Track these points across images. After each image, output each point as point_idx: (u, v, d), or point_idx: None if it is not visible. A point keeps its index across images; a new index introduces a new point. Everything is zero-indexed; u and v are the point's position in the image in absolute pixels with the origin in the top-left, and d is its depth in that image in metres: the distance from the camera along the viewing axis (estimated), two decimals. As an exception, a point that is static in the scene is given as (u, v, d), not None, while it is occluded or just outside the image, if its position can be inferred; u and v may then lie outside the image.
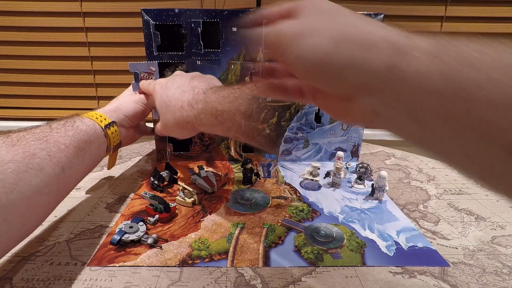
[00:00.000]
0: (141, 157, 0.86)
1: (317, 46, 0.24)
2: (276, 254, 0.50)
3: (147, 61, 0.73)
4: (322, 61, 0.24)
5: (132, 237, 0.50)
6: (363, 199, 0.67)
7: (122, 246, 0.50)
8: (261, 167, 0.75)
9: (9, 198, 0.31)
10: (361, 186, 0.72)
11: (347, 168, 0.78)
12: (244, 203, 0.64)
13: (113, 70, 1.34)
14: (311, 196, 0.68)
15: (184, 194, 0.63)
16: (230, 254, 0.49)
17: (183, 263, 0.47)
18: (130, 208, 0.61)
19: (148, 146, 0.94)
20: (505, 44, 0.20)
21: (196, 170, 0.73)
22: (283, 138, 0.83)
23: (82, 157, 0.47)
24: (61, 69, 1.35)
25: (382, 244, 0.53)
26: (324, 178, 0.74)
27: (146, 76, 0.72)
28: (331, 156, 0.85)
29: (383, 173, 0.64)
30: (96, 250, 0.49)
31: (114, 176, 0.74)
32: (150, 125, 0.79)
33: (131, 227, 0.52)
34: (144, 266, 0.46)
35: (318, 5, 0.27)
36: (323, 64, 0.24)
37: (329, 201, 0.66)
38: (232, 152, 0.83)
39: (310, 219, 0.59)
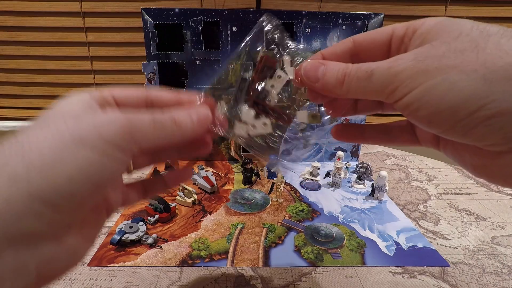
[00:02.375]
0: (141, 157, 0.86)
1: (454, 84, 0.17)
2: (276, 254, 0.50)
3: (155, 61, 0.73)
4: (462, 106, 0.17)
5: (132, 237, 0.50)
6: (363, 199, 0.67)
7: (122, 246, 0.50)
8: (266, 168, 0.75)
9: None
10: (361, 186, 0.72)
11: (347, 168, 0.78)
12: (244, 203, 0.64)
13: (113, 70, 1.34)
14: (311, 196, 0.68)
15: (184, 194, 0.63)
16: (230, 254, 0.49)
17: (183, 263, 0.47)
18: (130, 208, 0.61)
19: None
20: None
21: (196, 170, 0.73)
22: (283, 138, 0.83)
23: None
24: (61, 69, 1.35)
25: (382, 244, 0.53)
26: (324, 178, 0.74)
27: (151, 76, 0.73)
28: (331, 156, 0.85)
29: (383, 173, 0.64)
30: (96, 250, 0.49)
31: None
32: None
33: (131, 227, 0.52)
34: (144, 266, 0.46)
35: (448, 27, 0.19)
36: (461, 111, 0.17)
37: (329, 201, 0.66)
38: (232, 153, 0.83)
39: (310, 219, 0.59)
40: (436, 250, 0.51)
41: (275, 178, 0.73)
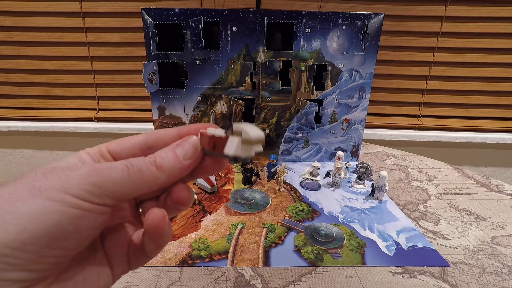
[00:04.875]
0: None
1: None
2: (276, 254, 0.50)
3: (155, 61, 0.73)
4: None
5: (132, 237, 0.50)
6: (363, 199, 0.67)
7: (122, 246, 0.50)
8: (266, 168, 0.75)
9: None
10: (361, 186, 0.72)
11: (347, 168, 0.78)
12: (244, 203, 0.64)
13: (113, 70, 1.34)
14: (311, 196, 0.68)
15: (184, 194, 0.63)
16: (230, 254, 0.49)
17: (183, 263, 0.47)
18: (130, 208, 0.61)
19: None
20: None
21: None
22: (283, 138, 0.83)
23: None
24: (61, 69, 1.35)
25: (382, 244, 0.53)
26: (324, 178, 0.74)
27: (151, 76, 0.73)
28: (331, 156, 0.85)
29: (383, 173, 0.64)
30: (96, 250, 0.49)
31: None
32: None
33: (131, 227, 0.51)
34: (144, 266, 0.46)
35: None
36: None
37: (329, 201, 0.66)
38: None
39: (310, 219, 0.59)
40: (436, 250, 0.51)
41: (278, 167, 0.74)
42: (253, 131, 0.21)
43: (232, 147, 0.21)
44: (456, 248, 0.52)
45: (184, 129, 0.23)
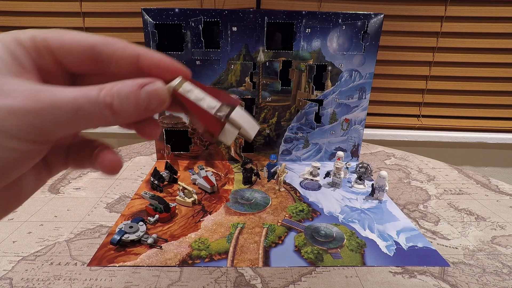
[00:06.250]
0: (141, 157, 0.86)
1: None
2: (276, 254, 0.50)
3: None
4: None
5: (132, 237, 0.50)
6: (363, 199, 0.67)
7: (122, 246, 0.50)
8: (266, 168, 0.75)
9: None
10: (361, 186, 0.72)
11: (347, 168, 0.78)
12: (244, 203, 0.64)
13: (113, 70, 1.34)
14: (311, 196, 0.68)
15: (184, 194, 0.64)
16: (230, 254, 0.49)
17: (183, 263, 0.47)
18: (130, 208, 0.61)
19: (148, 145, 0.94)
20: None
21: (196, 170, 0.73)
22: (283, 138, 0.83)
23: None
24: (61, 69, 1.35)
25: (382, 244, 0.53)
26: (324, 178, 0.74)
27: None
28: (331, 156, 0.85)
29: (383, 173, 0.64)
30: (96, 250, 0.49)
31: (114, 176, 0.74)
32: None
33: (131, 227, 0.52)
34: (144, 266, 0.46)
35: None
36: None
37: (329, 201, 0.66)
38: (232, 152, 0.83)
39: (310, 219, 0.59)
40: (436, 250, 0.51)
41: (278, 167, 0.74)
42: (250, 127, 0.21)
43: (229, 137, 0.21)
44: (456, 248, 0.52)
45: (147, 57, 0.19)
